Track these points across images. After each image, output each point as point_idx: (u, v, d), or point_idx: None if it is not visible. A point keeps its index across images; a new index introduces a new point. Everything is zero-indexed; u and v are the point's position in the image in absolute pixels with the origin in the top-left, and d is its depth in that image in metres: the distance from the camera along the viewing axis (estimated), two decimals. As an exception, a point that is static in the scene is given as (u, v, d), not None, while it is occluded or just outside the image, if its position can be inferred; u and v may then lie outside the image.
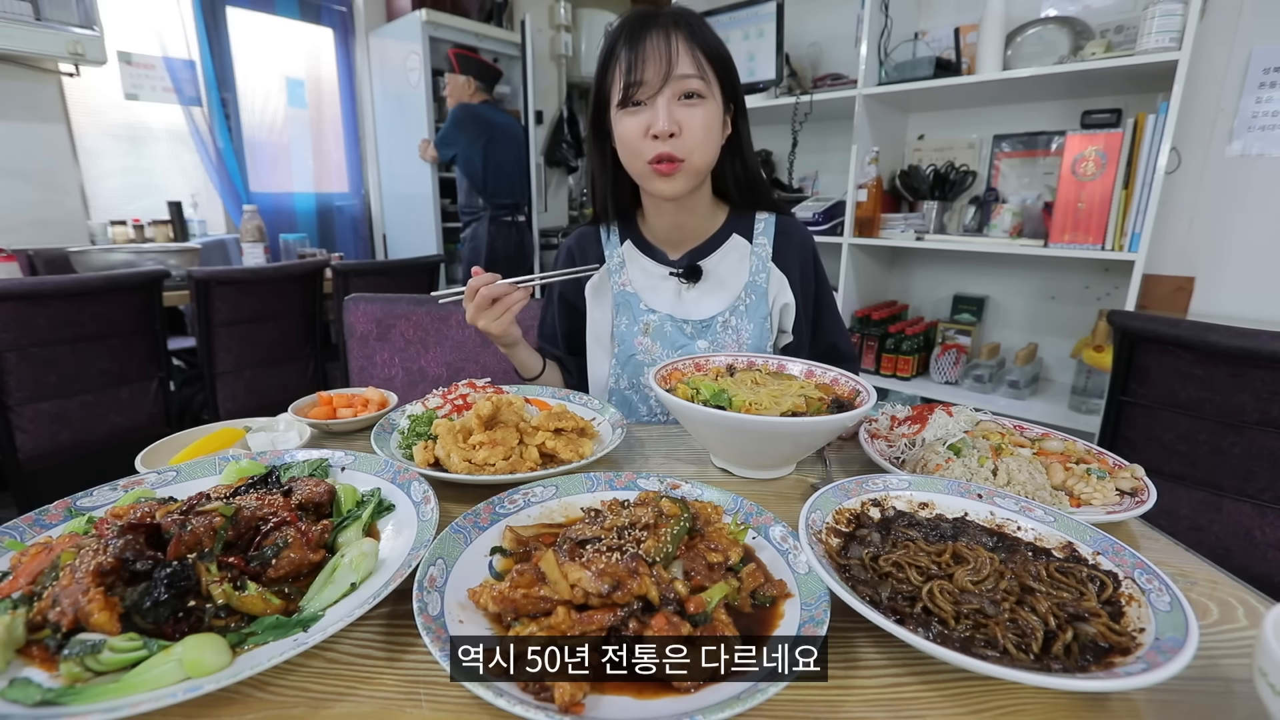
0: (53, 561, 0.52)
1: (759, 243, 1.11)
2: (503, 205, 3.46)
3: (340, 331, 1.69)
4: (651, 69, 0.91)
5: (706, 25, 0.96)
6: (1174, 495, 1.34)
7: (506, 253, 3.52)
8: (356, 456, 0.75)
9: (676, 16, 0.95)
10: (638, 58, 0.91)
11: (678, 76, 0.92)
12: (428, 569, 0.54)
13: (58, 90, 2.83)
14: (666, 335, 1.09)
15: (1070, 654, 0.46)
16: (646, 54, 0.91)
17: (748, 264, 1.10)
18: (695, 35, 0.94)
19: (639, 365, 1.10)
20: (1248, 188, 1.94)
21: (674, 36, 0.92)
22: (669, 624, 0.47)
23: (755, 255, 1.11)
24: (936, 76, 2.11)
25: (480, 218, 3.47)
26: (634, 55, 0.92)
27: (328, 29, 3.85)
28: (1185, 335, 1.27)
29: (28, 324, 1.80)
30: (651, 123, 0.93)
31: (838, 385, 0.89)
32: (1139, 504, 0.70)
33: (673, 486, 0.71)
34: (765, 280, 1.09)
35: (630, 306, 1.11)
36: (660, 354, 1.09)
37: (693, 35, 0.93)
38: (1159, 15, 1.70)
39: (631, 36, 0.93)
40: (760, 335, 1.09)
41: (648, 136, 0.94)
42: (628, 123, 0.95)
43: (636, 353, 1.10)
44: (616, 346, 1.13)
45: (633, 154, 0.97)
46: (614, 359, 1.13)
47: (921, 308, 2.68)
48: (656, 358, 1.08)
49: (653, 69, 0.91)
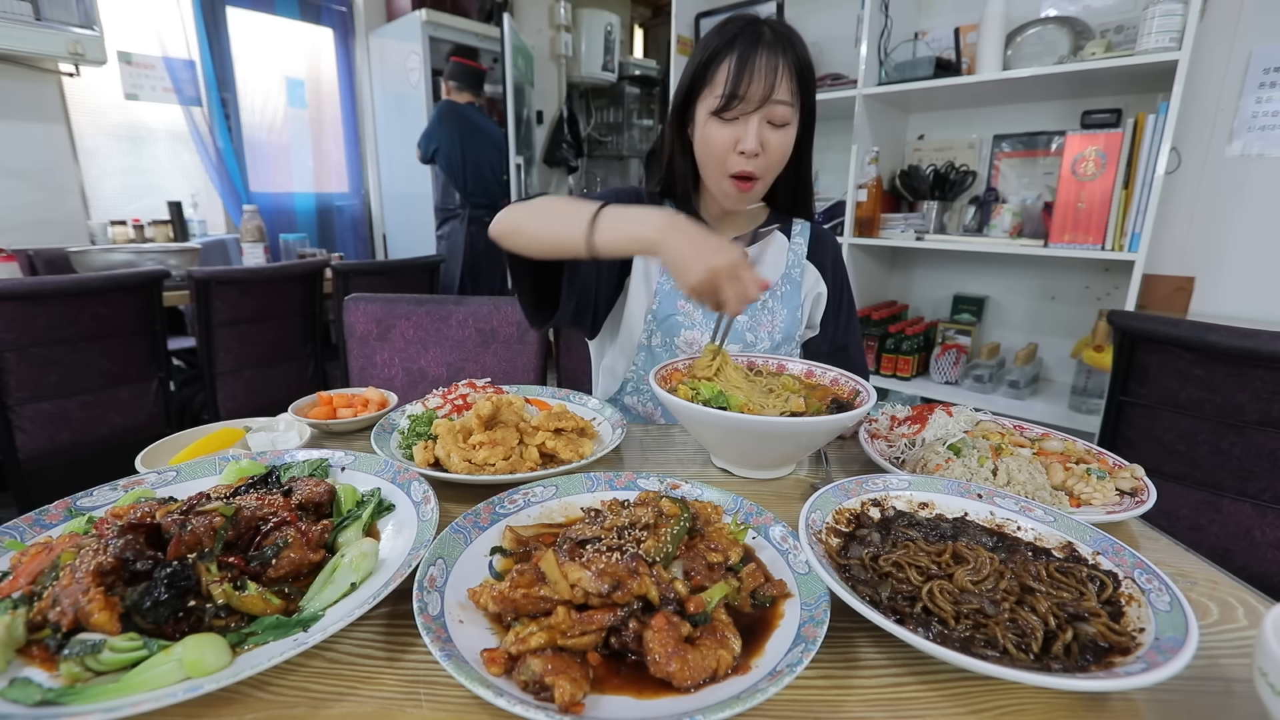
0: (53, 561, 0.52)
1: (795, 242, 1.19)
2: (481, 205, 3.41)
3: (340, 331, 1.69)
4: (755, 88, 0.94)
5: (805, 47, 1.00)
6: (1174, 495, 1.34)
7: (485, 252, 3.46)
8: (356, 456, 0.75)
9: (786, 38, 0.97)
10: (745, 72, 0.94)
11: (775, 101, 0.95)
12: (428, 569, 0.54)
13: (58, 90, 2.83)
14: None
15: (1070, 654, 0.46)
16: (754, 72, 0.94)
17: (785, 258, 1.17)
18: (798, 59, 0.97)
19: (675, 326, 1.11)
20: (1248, 188, 1.94)
21: (781, 59, 0.95)
22: (669, 624, 0.47)
23: (792, 252, 1.18)
24: (936, 76, 2.11)
25: (458, 215, 3.42)
26: (742, 68, 0.94)
27: (328, 29, 3.85)
28: (1185, 335, 1.27)
29: (28, 324, 1.80)
30: (742, 138, 0.97)
31: (837, 385, 0.90)
32: (1139, 504, 0.70)
33: (673, 486, 0.71)
34: (800, 274, 1.17)
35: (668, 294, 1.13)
36: (699, 319, 1.10)
37: (796, 59, 0.96)
38: (1159, 15, 1.70)
39: (744, 47, 0.95)
40: (791, 322, 1.15)
41: (735, 151, 0.98)
42: (717, 131, 0.99)
43: (676, 314, 1.11)
44: (656, 303, 1.12)
45: (715, 161, 1.01)
46: (651, 314, 1.13)
47: (921, 308, 2.68)
48: (695, 322, 1.10)
49: (756, 88, 0.94)
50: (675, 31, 2.86)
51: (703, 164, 1.06)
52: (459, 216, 3.42)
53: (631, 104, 5.10)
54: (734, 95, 0.95)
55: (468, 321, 1.64)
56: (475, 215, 3.41)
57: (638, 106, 5.15)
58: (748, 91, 0.94)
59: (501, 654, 0.45)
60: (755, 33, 0.96)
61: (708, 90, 0.99)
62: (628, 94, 5.04)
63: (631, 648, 0.47)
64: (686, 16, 2.88)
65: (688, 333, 1.10)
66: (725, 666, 0.45)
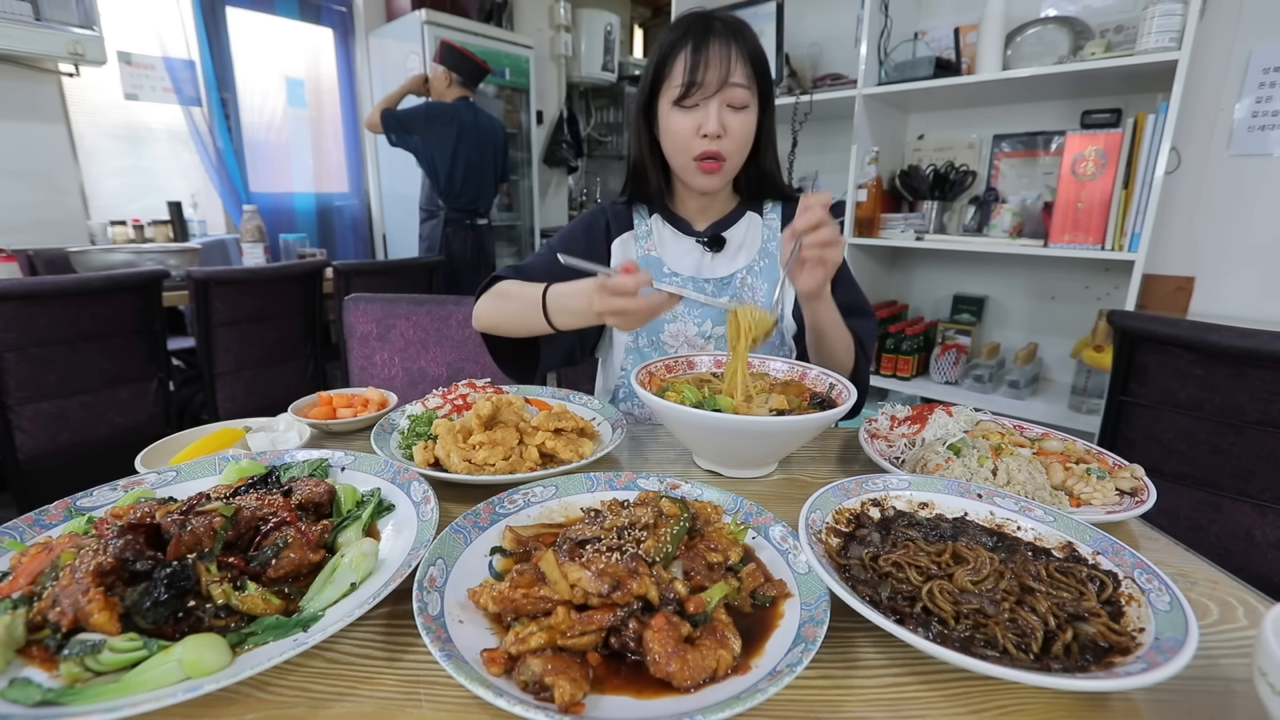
0: (52, 561, 0.52)
1: (769, 218, 1.23)
2: (461, 208, 3.30)
3: (340, 331, 1.69)
4: (711, 73, 0.99)
5: (756, 36, 1.06)
6: (1174, 495, 1.34)
7: (463, 255, 3.36)
8: (356, 456, 0.75)
9: (735, 27, 1.03)
10: (700, 61, 0.99)
11: (731, 84, 1.00)
12: (427, 569, 0.54)
13: (57, 90, 2.83)
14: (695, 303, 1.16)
15: (1070, 654, 0.46)
16: (709, 59, 0.99)
17: (760, 234, 1.21)
18: (749, 46, 1.03)
19: (658, 324, 1.16)
20: (1248, 188, 1.94)
21: (733, 46, 1.00)
22: (669, 624, 0.47)
23: (766, 227, 1.21)
24: (936, 76, 2.11)
25: (436, 217, 3.31)
26: (697, 58, 0.99)
27: (327, 29, 3.85)
28: (1185, 335, 1.27)
29: (27, 324, 1.79)
30: (703, 123, 1.02)
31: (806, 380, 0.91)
32: (1139, 504, 0.70)
33: (672, 486, 0.71)
34: (776, 247, 1.20)
35: (654, 269, 1.18)
36: (682, 311, 1.16)
37: (746, 46, 1.02)
38: (1159, 15, 1.70)
39: (696, 39, 1.00)
40: (771, 294, 1.17)
41: (698, 135, 1.03)
42: (680, 119, 1.04)
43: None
44: None
45: (680, 148, 1.06)
46: None
47: (921, 307, 2.68)
48: (678, 314, 1.15)
49: (712, 74, 0.99)
50: (675, 31, 2.86)
51: (671, 155, 1.10)
52: (438, 219, 3.31)
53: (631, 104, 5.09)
54: (692, 83, 1.00)
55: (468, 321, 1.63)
56: (452, 218, 3.29)
57: (637, 106, 5.15)
58: (704, 77, 0.99)
59: (501, 654, 0.45)
60: (706, 25, 1.02)
61: (667, 83, 1.04)
62: (627, 94, 5.05)
63: (631, 648, 0.47)
64: (686, 16, 2.88)
65: (671, 326, 1.14)
66: (725, 666, 0.45)
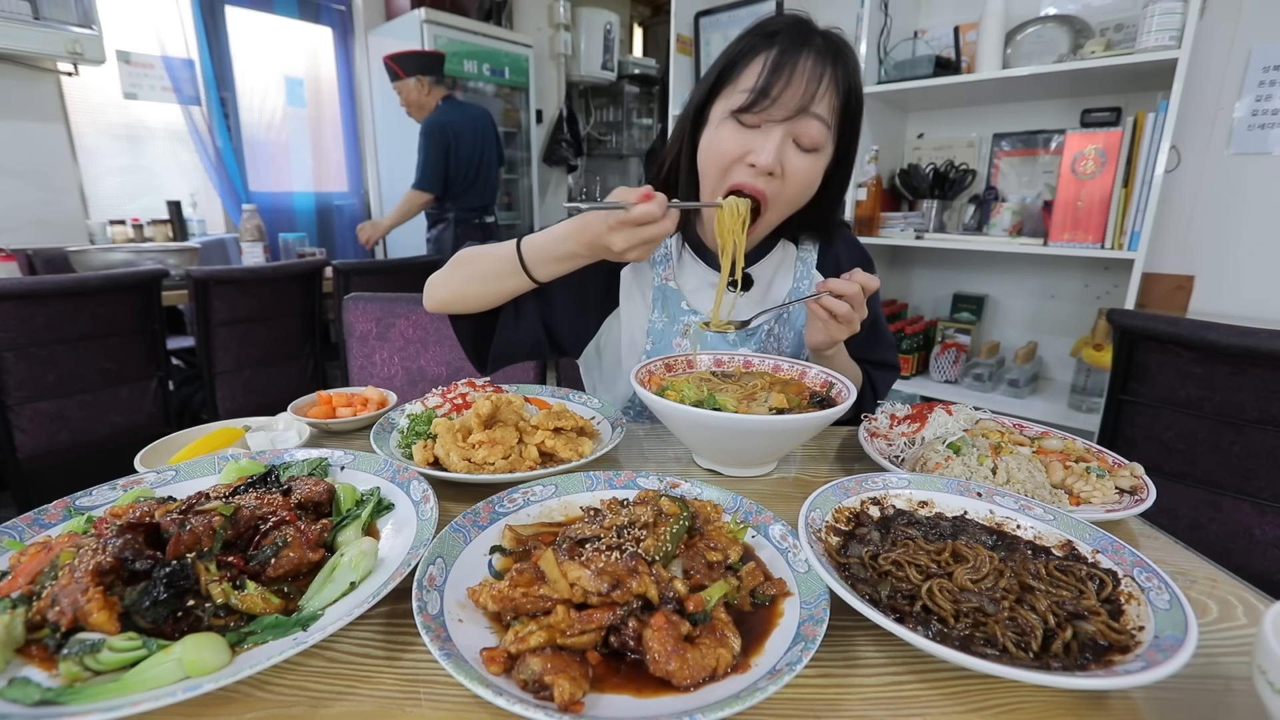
0: (52, 561, 0.52)
1: (804, 251, 1.07)
2: (470, 207, 3.34)
3: (340, 331, 1.69)
4: (790, 92, 0.80)
5: (859, 66, 0.87)
6: (1173, 494, 1.34)
7: None
8: (356, 456, 0.75)
9: (838, 48, 0.84)
10: (782, 73, 0.80)
11: (810, 114, 0.82)
12: (427, 568, 0.54)
13: (56, 89, 2.83)
14: (707, 340, 1.02)
15: (1069, 652, 0.46)
16: (793, 75, 0.80)
17: (793, 271, 1.06)
18: (847, 76, 0.83)
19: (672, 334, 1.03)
20: (1248, 187, 1.93)
21: (828, 69, 0.82)
22: (668, 623, 0.47)
23: (801, 262, 1.07)
24: (936, 75, 2.11)
25: (446, 220, 3.35)
26: (779, 68, 0.80)
27: (327, 28, 3.84)
28: (1185, 334, 1.27)
29: (27, 323, 1.79)
30: (756, 150, 0.83)
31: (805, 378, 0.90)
32: (1138, 502, 0.70)
33: (672, 485, 0.71)
34: (808, 289, 1.05)
35: (671, 303, 1.03)
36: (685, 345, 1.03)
37: (845, 75, 0.83)
38: (1159, 14, 1.70)
39: (785, 46, 0.82)
40: (799, 343, 1.06)
41: (743, 162, 0.84)
42: (730, 134, 0.84)
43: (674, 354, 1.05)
44: (650, 344, 1.04)
45: (716, 168, 0.87)
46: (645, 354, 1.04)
47: (921, 306, 2.68)
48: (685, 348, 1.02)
49: (791, 93, 0.80)
50: (675, 31, 2.86)
51: (703, 171, 0.90)
52: (446, 222, 3.34)
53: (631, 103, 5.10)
54: (763, 93, 0.80)
55: (467, 321, 1.63)
56: (462, 218, 3.33)
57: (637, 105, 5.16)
58: (781, 94, 0.80)
59: (501, 653, 0.45)
60: (802, 34, 0.82)
61: (731, 87, 0.85)
62: (627, 93, 5.05)
63: (631, 646, 0.47)
64: (686, 16, 2.88)
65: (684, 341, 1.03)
66: (725, 665, 0.45)
